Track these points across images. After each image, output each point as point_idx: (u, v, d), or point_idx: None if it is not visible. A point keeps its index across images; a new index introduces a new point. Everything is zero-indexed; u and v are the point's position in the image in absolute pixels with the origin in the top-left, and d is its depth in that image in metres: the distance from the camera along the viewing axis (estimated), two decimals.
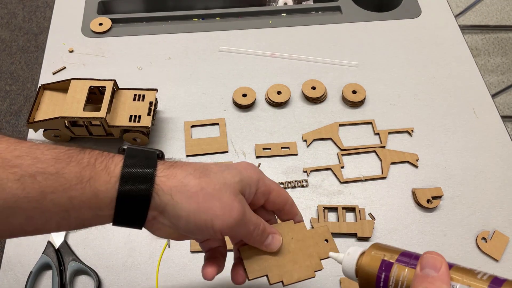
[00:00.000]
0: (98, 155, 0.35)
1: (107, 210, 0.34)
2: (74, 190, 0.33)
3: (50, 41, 0.80)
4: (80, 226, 0.35)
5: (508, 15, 1.93)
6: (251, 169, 0.40)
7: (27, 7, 1.92)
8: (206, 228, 0.35)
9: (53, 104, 0.66)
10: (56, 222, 0.34)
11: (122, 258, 0.58)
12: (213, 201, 0.35)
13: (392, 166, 0.66)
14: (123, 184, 0.34)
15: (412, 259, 0.32)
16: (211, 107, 0.72)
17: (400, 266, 0.32)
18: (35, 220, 0.33)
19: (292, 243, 0.42)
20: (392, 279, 0.32)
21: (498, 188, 0.64)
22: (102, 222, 0.36)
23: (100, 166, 0.34)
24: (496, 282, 0.27)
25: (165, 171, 0.35)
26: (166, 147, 0.68)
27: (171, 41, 0.80)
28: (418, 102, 0.73)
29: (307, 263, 0.41)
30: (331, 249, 0.42)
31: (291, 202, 0.43)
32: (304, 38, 0.81)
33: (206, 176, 0.36)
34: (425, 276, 0.29)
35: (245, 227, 0.37)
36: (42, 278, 0.56)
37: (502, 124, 0.71)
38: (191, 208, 0.35)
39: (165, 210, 0.35)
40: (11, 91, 1.68)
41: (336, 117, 0.71)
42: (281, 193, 0.42)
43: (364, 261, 0.35)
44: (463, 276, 0.29)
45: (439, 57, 0.79)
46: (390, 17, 0.85)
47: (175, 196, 0.34)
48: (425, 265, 0.30)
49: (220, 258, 0.41)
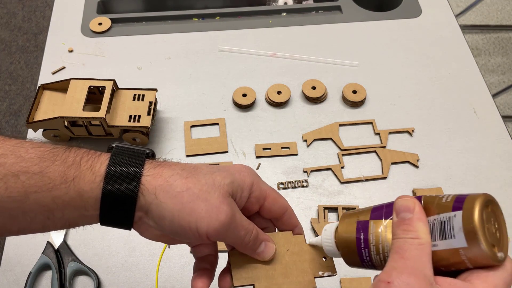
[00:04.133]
0: (84, 153, 0.34)
1: (92, 210, 0.33)
2: (58, 189, 0.32)
3: (49, 41, 0.80)
4: (67, 226, 0.35)
5: (508, 14, 1.93)
6: (245, 171, 0.38)
7: (26, 7, 1.91)
8: (190, 230, 0.33)
9: (53, 104, 0.65)
10: (40, 222, 0.33)
11: (121, 259, 0.58)
12: (199, 202, 0.33)
13: (392, 166, 0.66)
14: (108, 184, 0.33)
15: (384, 210, 0.32)
16: (211, 107, 0.72)
17: (375, 221, 0.32)
18: (19, 220, 0.32)
19: (286, 255, 0.39)
20: (371, 236, 0.31)
21: (498, 188, 0.64)
22: (89, 222, 0.35)
23: (86, 165, 0.33)
24: (459, 200, 0.27)
25: (151, 170, 0.34)
26: (166, 147, 0.68)
27: (171, 41, 0.80)
28: (418, 102, 0.73)
29: (299, 278, 0.38)
30: (328, 268, 0.39)
31: (291, 211, 0.40)
32: (304, 38, 0.81)
33: (194, 176, 0.34)
34: (402, 220, 0.29)
35: (235, 233, 0.35)
36: (41, 278, 0.56)
37: (503, 124, 0.71)
38: (175, 208, 0.33)
39: (149, 210, 0.33)
40: (11, 91, 1.68)
41: (336, 117, 0.71)
42: (279, 200, 0.39)
43: (340, 231, 0.34)
44: (432, 207, 0.29)
45: (439, 57, 0.79)
46: (390, 16, 0.85)
47: (159, 195, 0.33)
48: (399, 210, 0.30)
49: (209, 269, 0.39)
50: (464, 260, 0.27)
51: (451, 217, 0.27)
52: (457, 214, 0.27)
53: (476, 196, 0.27)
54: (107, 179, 0.33)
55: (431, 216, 0.29)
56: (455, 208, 0.27)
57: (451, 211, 0.27)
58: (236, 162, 0.66)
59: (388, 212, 0.31)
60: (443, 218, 0.28)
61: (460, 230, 0.26)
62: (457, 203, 0.27)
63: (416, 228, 0.28)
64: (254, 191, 0.38)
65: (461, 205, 0.27)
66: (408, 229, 0.28)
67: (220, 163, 0.65)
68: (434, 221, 0.28)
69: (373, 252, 0.31)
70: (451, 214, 0.27)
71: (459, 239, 0.26)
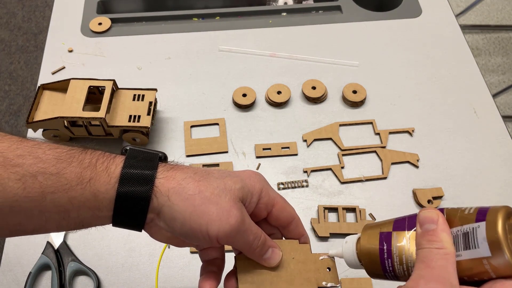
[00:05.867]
0: (99, 155, 0.35)
1: (106, 211, 0.34)
2: (75, 190, 0.32)
3: (49, 41, 0.80)
4: (80, 227, 0.35)
5: (508, 14, 1.93)
6: (255, 177, 0.38)
7: (26, 7, 1.91)
8: (200, 233, 0.34)
9: (53, 104, 0.65)
10: (55, 222, 0.33)
11: (121, 259, 0.58)
12: (210, 205, 0.34)
13: (392, 166, 0.66)
14: (122, 185, 0.33)
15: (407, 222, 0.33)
16: (211, 107, 0.72)
17: (398, 232, 0.32)
18: (35, 220, 0.33)
19: (292, 263, 0.39)
20: (394, 248, 0.32)
21: (499, 188, 0.64)
22: (102, 223, 0.35)
23: (101, 167, 0.34)
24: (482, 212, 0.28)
25: (164, 173, 0.35)
26: (165, 147, 0.67)
27: (171, 41, 0.80)
28: (418, 102, 0.73)
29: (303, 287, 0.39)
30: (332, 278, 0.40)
31: (298, 220, 0.41)
32: (304, 38, 0.81)
33: (206, 180, 0.35)
34: (426, 231, 0.30)
35: (244, 237, 0.36)
36: (41, 278, 0.56)
37: (503, 124, 0.71)
38: (187, 211, 0.34)
39: (161, 212, 0.34)
40: (10, 91, 1.68)
41: (336, 117, 0.71)
42: (287, 208, 0.40)
43: (363, 242, 0.35)
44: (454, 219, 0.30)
45: (439, 57, 0.79)
46: (390, 16, 0.85)
47: (172, 197, 0.34)
48: (423, 221, 0.31)
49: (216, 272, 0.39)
50: (488, 270, 0.28)
51: (474, 228, 0.28)
52: (480, 225, 0.28)
53: (498, 208, 0.28)
54: (122, 181, 0.33)
55: (454, 228, 0.30)
56: (478, 219, 0.28)
57: (474, 222, 0.28)
58: (236, 162, 0.66)
59: (411, 224, 0.32)
60: (467, 229, 0.29)
61: (484, 240, 0.27)
62: (480, 214, 0.28)
63: (441, 238, 0.29)
64: (263, 197, 0.38)
65: (484, 217, 0.28)
66: (433, 240, 0.29)
67: (220, 164, 0.65)
68: (458, 232, 0.30)
69: (396, 263, 0.32)
70: (474, 225, 0.28)
71: (483, 249, 0.27)
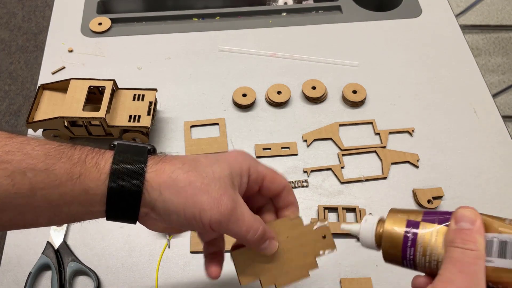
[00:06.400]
0: (89, 151, 0.35)
1: (98, 206, 0.34)
2: (65, 186, 0.33)
3: (49, 41, 0.80)
4: (72, 220, 0.36)
5: (509, 14, 1.93)
6: (241, 157, 0.39)
7: (26, 7, 1.91)
8: (195, 222, 0.35)
9: (53, 104, 0.65)
10: (47, 217, 0.34)
11: (121, 259, 0.58)
12: (201, 195, 0.35)
13: (392, 166, 0.66)
14: (113, 181, 0.34)
15: (439, 216, 0.32)
16: (211, 107, 0.72)
17: (427, 224, 0.32)
18: (26, 215, 0.33)
19: (288, 243, 0.40)
20: (420, 238, 0.32)
21: (499, 189, 0.64)
22: (95, 217, 0.36)
23: (91, 163, 0.34)
24: None
25: (154, 166, 0.35)
26: (165, 147, 0.67)
27: (171, 41, 0.80)
28: (418, 102, 0.73)
29: (301, 262, 0.40)
30: (328, 245, 0.40)
31: (288, 188, 0.42)
32: (304, 38, 0.81)
33: (195, 170, 0.36)
34: (461, 229, 0.30)
35: (236, 225, 0.36)
36: (41, 278, 0.56)
37: (503, 124, 0.71)
38: (180, 203, 0.34)
39: (155, 207, 0.35)
40: (10, 91, 1.68)
41: (336, 117, 0.71)
42: (276, 178, 0.41)
43: (387, 225, 0.34)
44: (492, 225, 0.30)
45: (439, 57, 0.79)
46: (390, 16, 0.85)
47: (164, 192, 0.34)
48: (460, 219, 0.30)
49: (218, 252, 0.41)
50: None
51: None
52: None
53: None
54: (112, 176, 0.34)
55: (490, 233, 0.30)
56: None
57: None
58: None
59: (443, 220, 0.32)
60: (506, 238, 0.29)
61: None
62: None
63: (476, 239, 0.29)
64: (252, 174, 0.39)
65: None
66: (468, 239, 0.30)
67: None
68: (493, 238, 0.30)
69: (419, 253, 0.32)
70: None
71: None
